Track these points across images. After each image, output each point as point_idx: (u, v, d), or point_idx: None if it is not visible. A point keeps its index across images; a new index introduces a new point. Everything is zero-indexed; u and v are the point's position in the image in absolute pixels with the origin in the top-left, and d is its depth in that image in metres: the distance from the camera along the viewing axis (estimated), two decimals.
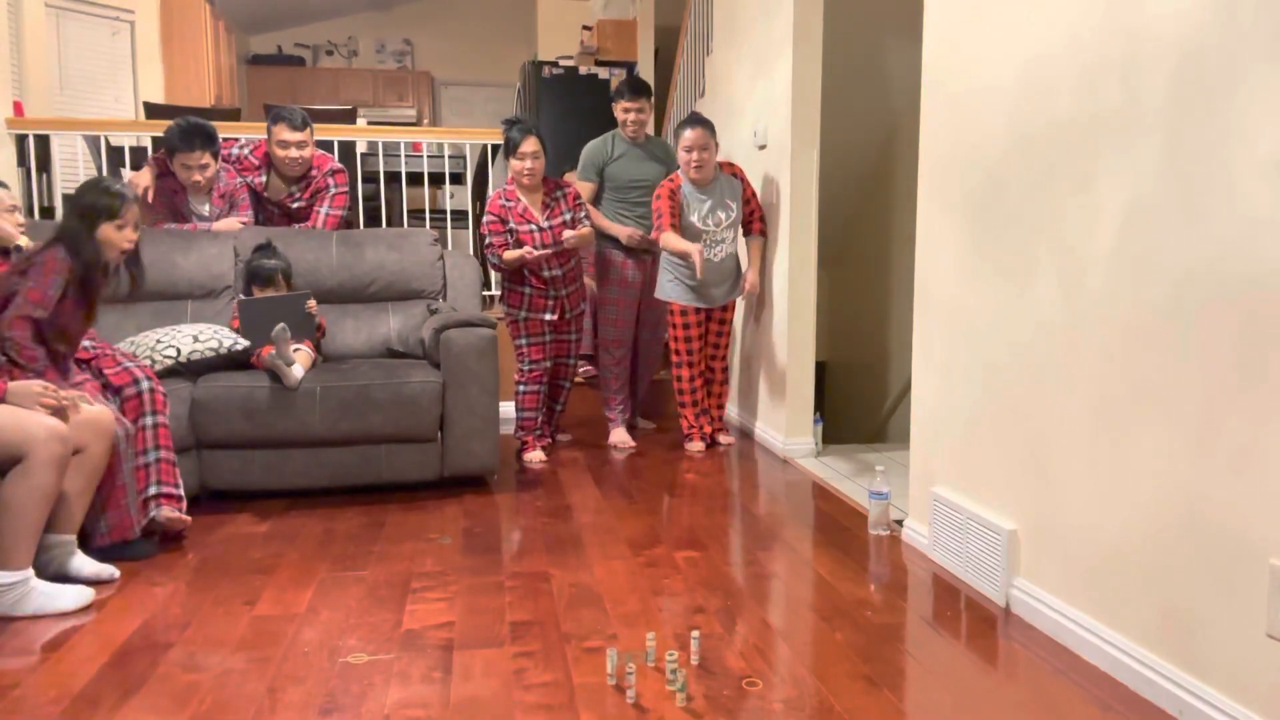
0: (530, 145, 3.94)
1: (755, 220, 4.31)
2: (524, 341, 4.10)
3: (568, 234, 3.99)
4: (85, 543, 2.80)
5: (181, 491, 3.06)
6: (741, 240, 4.43)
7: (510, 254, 3.96)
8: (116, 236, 2.83)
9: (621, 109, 4.39)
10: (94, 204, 2.80)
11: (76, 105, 6.42)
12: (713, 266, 4.18)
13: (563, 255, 4.09)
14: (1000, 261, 2.57)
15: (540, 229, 4.01)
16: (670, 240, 4.05)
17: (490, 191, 6.19)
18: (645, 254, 4.42)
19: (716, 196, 4.16)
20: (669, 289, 4.24)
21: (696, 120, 4.13)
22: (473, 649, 2.27)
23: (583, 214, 4.16)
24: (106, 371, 3.02)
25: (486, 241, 4.04)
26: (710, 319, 4.32)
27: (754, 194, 4.31)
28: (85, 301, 2.82)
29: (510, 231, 4.01)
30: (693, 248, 3.96)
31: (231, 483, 3.46)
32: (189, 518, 3.06)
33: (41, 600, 2.47)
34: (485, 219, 4.06)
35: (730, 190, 4.19)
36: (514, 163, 3.98)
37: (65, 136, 5.34)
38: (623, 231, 4.35)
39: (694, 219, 4.13)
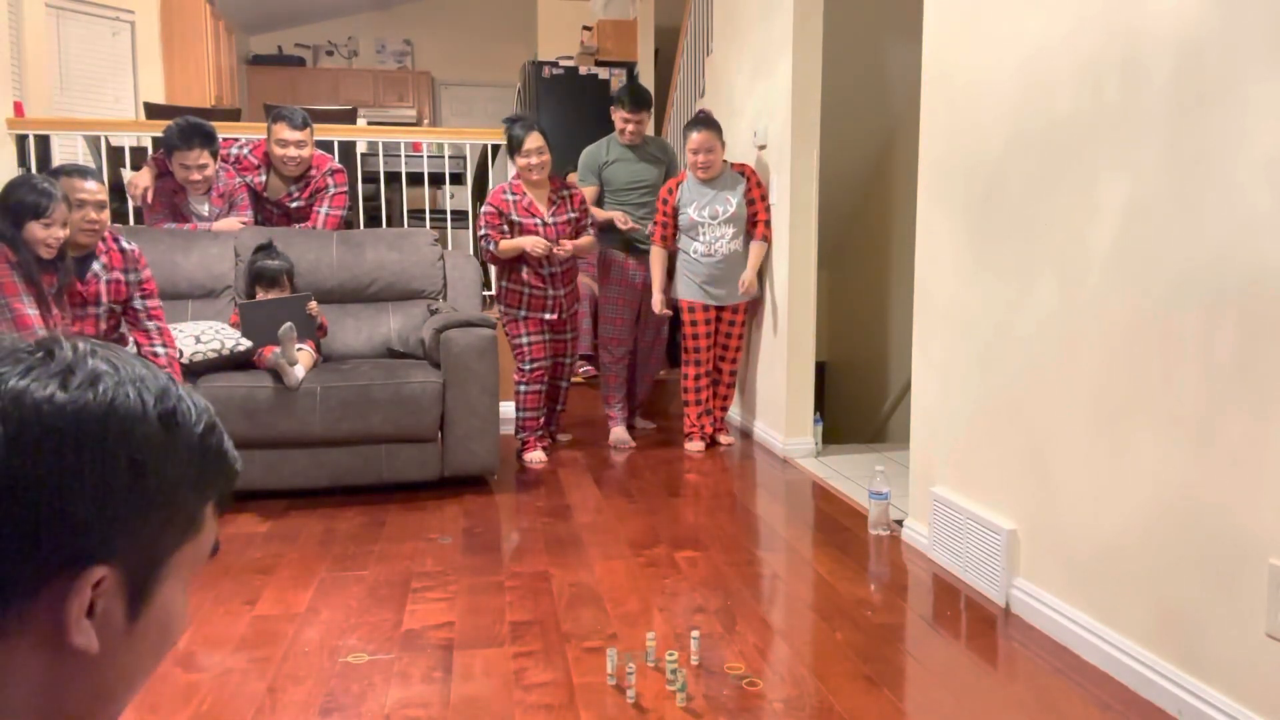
0: (534, 141, 3.93)
1: (759, 225, 4.29)
2: (525, 340, 4.09)
3: (567, 244, 4.03)
4: None
5: None
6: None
7: (506, 243, 3.94)
8: (43, 234, 2.78)
9: (621, 118, 4.37)
10: (21, 202, 2.77)
11: (76, 105, 6.41)
12: (716, 263, 4.20)
13: (554, 234, 4.08)
14: (999, 261, 2.57)
15: (545, 224, 4.02)
16: (596, 211, 4.34)
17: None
18: (647, 254, 4.42)
19: (717, 190, 4.19)
20: (680, 287, 4.27)
21: (704, 122, 4.18)
22: (473, 649, 2.27)
23: (588, 220, 4.18)
24: None
25: (481, 233, 4.00)
26: (720, 319, 4.33)
27: (764, 197, 4.30)
28: (35, 294, 2.80)
29: (512, 224, 3.99)
30: (616, 214, 4.29)
31: None
32: None
33: None
34: (483, 209, 4.03)
35: (732, 186, 4.21)
36: (519, 160, 3.97)
37: (65, 137, 5.34)
38: (617, 216, 4.35)
39: (691, 211, 4.18)
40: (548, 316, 4.10)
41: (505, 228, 4.00)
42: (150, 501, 0.58)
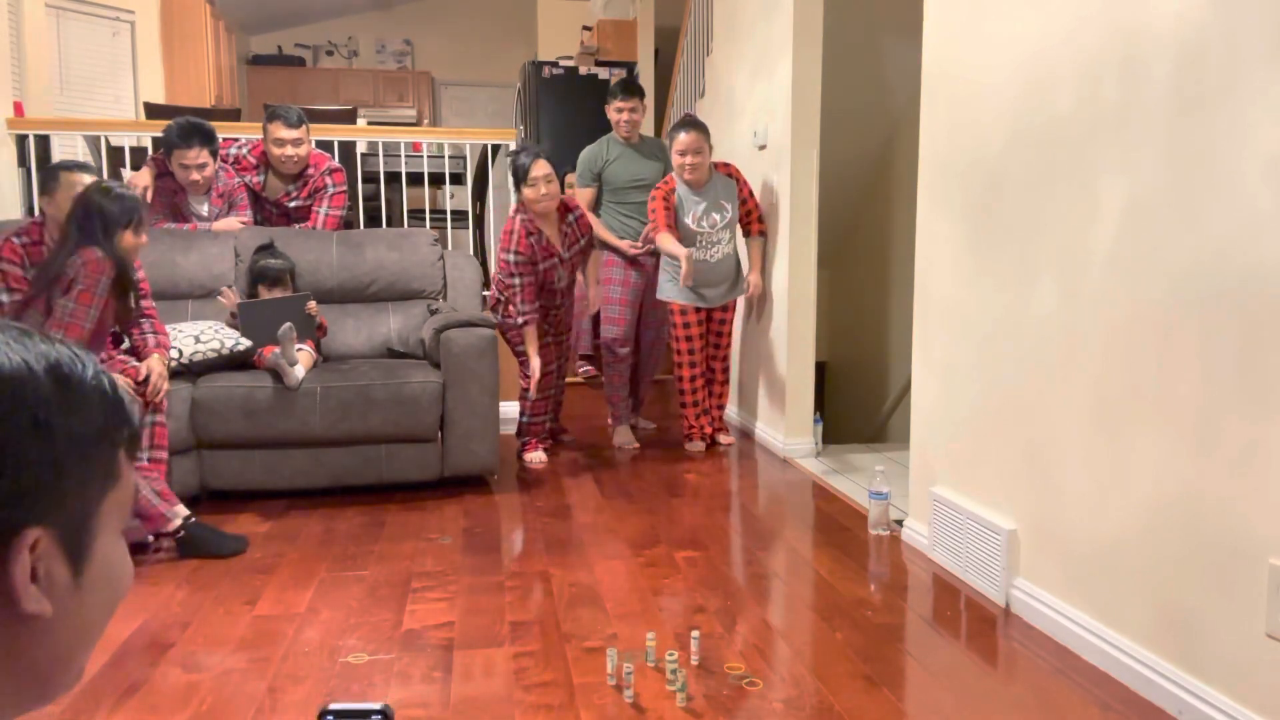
0: (541, 169, 3.79)
1: (754, 221, 4.30)
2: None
3: (593, 299, 4.06)
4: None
5: (161, 491, 3.01)
6: (741, 241, 4.43)
7: (530, 342, 3.87)
8: (134, 242, 2.88)
9: (615, 109, 4.40)
10: (114, 212, 2.84)
11: (76, 105, 6.41)
12: (710, 267, 4.18)
13: (569, 268, 4.09)
14: (1000, 261, 2.57)
15: (562, 259, 4.00)
16: (665, 242, 4.03)
17: (489, 195, 6.21)
18: (647, 254, 4.42)
19: (711, 198, 4.15)
20: (667, 289, 4.24)
21: (691, 124, 4.12)
22: (473, 649, 2.27)
23: (592, 236, 4.19)
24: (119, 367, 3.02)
25: (513, 282, 3.83)
26: (710, 319, 4.32)
27: (751, 194, 4.30)
28: (121, 300, 2.91)
29: (535, 267, 3.90)
30: (682, 253, 3.91)
31: (232, 483, 3.45)
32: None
33: None
34: (511, 258, 3.83)
35: (726, 191, 4.19)
36: (527, 191, 3.80)
37: (65, 137, 5.34)
38: (623, 244, 4.36)
39: (689, 220, 4.14)
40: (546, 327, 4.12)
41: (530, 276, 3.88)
42: (64, 457, 0.57)
